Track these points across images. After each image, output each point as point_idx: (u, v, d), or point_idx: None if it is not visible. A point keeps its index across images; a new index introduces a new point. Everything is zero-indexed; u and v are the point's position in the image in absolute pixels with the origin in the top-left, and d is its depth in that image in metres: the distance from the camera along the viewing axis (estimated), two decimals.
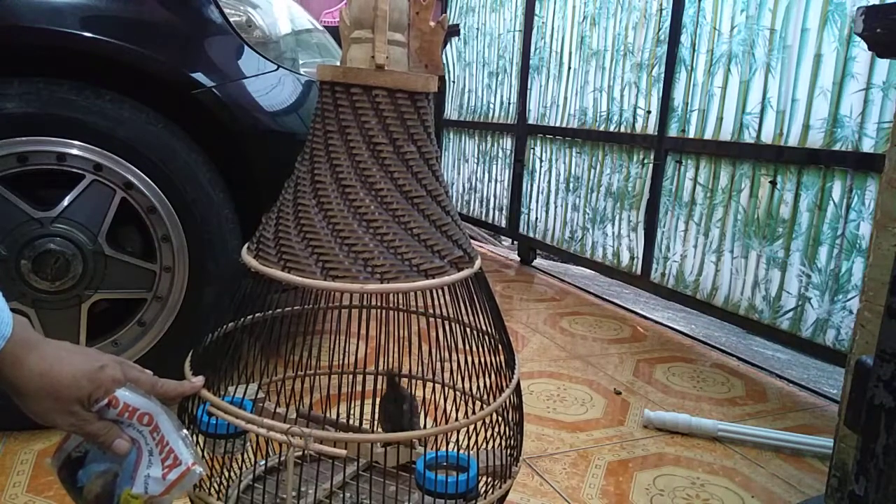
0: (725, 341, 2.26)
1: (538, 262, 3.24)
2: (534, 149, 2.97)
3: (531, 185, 3.00)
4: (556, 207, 2.83)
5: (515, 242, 3.41)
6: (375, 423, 0.99)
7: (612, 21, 2.46)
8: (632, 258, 2.40)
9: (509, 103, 3.14)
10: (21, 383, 0.65)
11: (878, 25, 0.88)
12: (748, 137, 1.92)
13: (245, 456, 0.95)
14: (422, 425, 1.01)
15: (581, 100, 2.64)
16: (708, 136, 2.05)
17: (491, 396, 0.89)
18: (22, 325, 0.66)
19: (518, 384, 0.92)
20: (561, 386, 1.74)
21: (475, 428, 0.87)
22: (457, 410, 0.96)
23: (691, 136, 2.12)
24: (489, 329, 0.91)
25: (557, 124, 2.79)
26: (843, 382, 1.07)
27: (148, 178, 1.28)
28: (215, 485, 0.83)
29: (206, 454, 0.85)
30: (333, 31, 1.59)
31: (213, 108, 1.31)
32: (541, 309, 2.44)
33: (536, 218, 2.97)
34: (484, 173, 3.40)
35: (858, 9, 0.91)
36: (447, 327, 0.91)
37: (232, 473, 0.92)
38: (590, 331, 2.22)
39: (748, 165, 1.92)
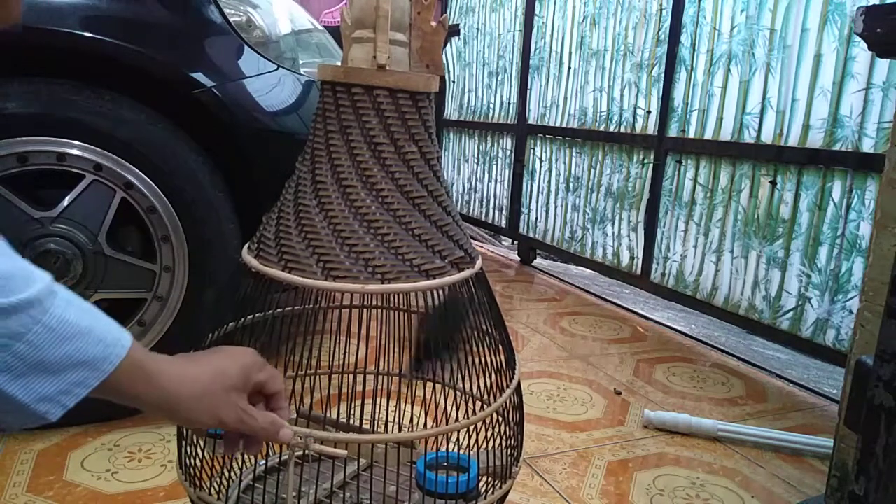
0: (725, 341, 2.26)
1: (538, 262, 3.24)
2: (534, 149, 2.97)
3: (531, 185, 3.00)
4: (556, 207, 2.83)
5: (515, 242, 3.41)
6: (376, 422, 0.99)
7: (612, 21, 2.46)
8: (632, 258, 2.40)
9: (509, 103, 3.14)
10: (172, 385, 0.56)
11: (878, 25, 0.88)
12: (748, 137, 1.92)
13: (245, 456, 0.95)
14: (422, 426, 1.01)
15: (581, 100, 2.64)
16: (708, 136, 2.05)
17: (491, 396, 0.89)
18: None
19: (518, 384, 0.92)
20: (561, 386, 1.74)
21: (475, 428, 0.87)
22: (457, 410, 0.96)
23: (691, 136, 2.12)
24: (489, 329, 0.91)
25: (557, 124, 2.79)
26: (843, 382, 1.07)
27: (148, 178, 1.28)
28: (215, 485, 0.83)
29: (206, 454, 0.85)
30: (333, 31, 1.59)
31: (213, 108, 1.31)
32: (541, 309, 2.44)
33: (536, 218, 2.97)
34: (484, 173, 3.40)
35: (858, 9, 0.91)
36: None
37: (232, 473, 0.92)
38: (590, 331, 2.22)
39: (748, 165, 1.92)
